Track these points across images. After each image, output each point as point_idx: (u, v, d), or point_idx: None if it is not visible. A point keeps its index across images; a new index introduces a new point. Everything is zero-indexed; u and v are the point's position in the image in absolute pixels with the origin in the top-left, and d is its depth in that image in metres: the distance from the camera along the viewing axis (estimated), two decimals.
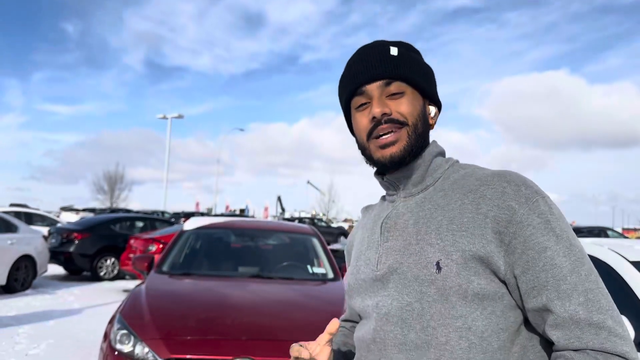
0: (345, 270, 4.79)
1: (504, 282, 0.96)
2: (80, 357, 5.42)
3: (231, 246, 5.46)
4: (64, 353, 5.55)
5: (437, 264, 0.97)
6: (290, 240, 5.58)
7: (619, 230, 43.07)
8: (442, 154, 1.15)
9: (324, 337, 1.11)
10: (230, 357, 3.02)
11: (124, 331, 3.29)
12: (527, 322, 0.99)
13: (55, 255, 11.21)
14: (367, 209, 1.30)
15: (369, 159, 1.12)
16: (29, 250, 9.46)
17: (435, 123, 1.15)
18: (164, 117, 37.56)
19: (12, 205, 22.86)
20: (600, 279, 0.94)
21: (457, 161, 1.15)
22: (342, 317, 1.36)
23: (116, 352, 3.21)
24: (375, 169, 1.15)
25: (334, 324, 1.08)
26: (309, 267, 5.04)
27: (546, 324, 0.93)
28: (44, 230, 14.03)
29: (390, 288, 1.03)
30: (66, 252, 11.30)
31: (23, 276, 9.40)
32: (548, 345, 0.97)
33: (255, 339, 3.22)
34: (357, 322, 1.15)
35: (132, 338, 3.22)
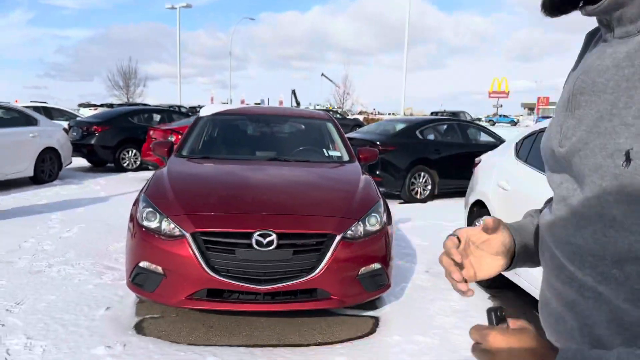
0: (361, 154, 4.86)
1: None
2: (110, 238, 5.75)
3: (248, 131, 5.54)
4: (95, 235, 5.89)
5: (627, 153, 0.69)
6: (306, 125, 5.62)
7: None
8: None
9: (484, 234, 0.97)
10: (252, 230, 3.19)
11: (150, 209, 3.45)
12: None
13: (78, 148, 11.49)
14: (591, 35, 0.90)
15: None
16: (51, 142, 9.68)
17: None
18: (172, 8, 36.44)
19: (32, 102, 23.00)
20: None
21: None
22: None
23: (143, 229, 3.40)
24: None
25: (489, 221, 0.95)
26: (324, 150, 5.12)
27: None
28: (64, 124, 14.23)
29: (573, 172, 0.80)
30: (88, 145, 11.60)
31: (49, 168, 9.71)
32: None
33: (274, 213, 3.37)
34: None
35: (158, 215, 3.39)
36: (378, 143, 8.71)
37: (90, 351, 3.11)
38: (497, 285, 4.40)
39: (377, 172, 8.60)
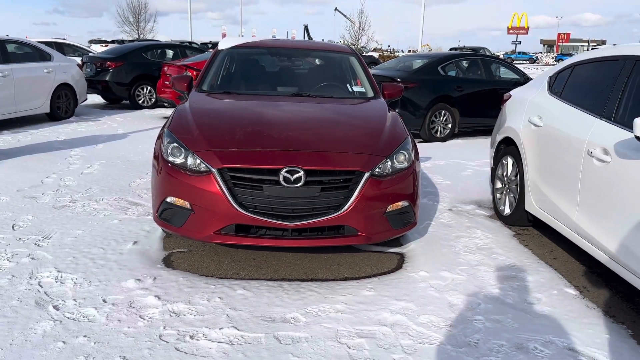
0: (385, 89, 4.70)
1: None
2: (132, 174, 5.75)
3: (268, 65, 5.38)
4: (116, 171, 5.89)
5: None
6: (329, 59, 5.45)
7: None
8: None
9: None
10: (280, 167, 3.13)
11: (175, 144, 3.39)
12: None
13: (92, 84, 11.38)
14: None
15: None
16: (66, 78, 9.56)
17: None
18: None
19: (53, 38, 22.67)
20: None
21: None
22: None
23: (169, 164, 3.35)
24: None
25: None
26: (348, 86, 4.98)
27: None
28: (77, 60, 14.05)
29: None
30: (103, 81, 11.46)
31: (64, 104, 9.65)
32: None
33: (302, 150, 3.30)
34: None
35: (183, 150, 3.33)
36: (398, 80, 8.50)
37: (121, 284, 3.15)
38: (522, 223, 4.36)
39: (397, 110, 8.43)
